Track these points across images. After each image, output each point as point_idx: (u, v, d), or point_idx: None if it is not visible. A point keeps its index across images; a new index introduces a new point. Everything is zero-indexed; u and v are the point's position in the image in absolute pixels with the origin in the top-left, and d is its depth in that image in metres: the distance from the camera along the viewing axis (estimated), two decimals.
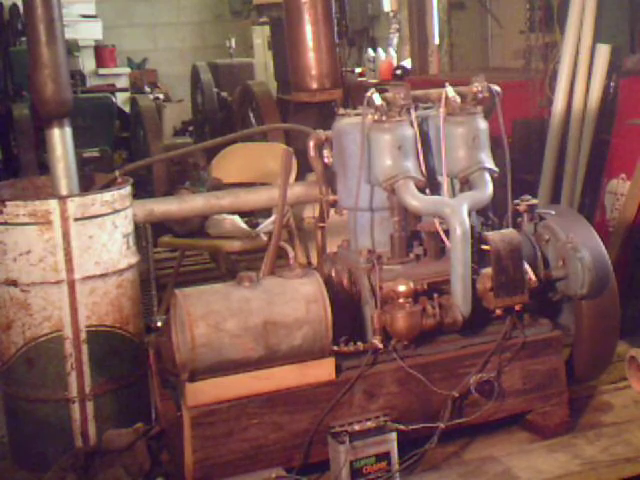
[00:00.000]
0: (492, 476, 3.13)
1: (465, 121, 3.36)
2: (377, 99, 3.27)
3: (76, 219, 3.32)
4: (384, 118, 3.28)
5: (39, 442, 3.42)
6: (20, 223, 3.30)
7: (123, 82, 11.85)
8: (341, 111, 3.51)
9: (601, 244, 3.47)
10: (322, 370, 3.11)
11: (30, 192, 3.73)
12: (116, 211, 3.43)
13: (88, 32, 11.79)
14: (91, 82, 10.99)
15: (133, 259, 3.53)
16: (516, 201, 3.51)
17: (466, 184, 3.38)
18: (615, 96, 5.19)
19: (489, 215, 3.50)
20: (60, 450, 3.32)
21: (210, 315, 2.96)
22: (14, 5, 9.69)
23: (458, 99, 3.36)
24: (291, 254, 3.24)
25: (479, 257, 3.26)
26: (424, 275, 3.26)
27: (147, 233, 4.77)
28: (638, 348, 3.71)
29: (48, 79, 3.43)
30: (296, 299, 3.06)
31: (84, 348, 3.38)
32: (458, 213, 3.17)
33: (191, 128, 9.89)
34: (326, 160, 3.48)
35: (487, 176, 3.35)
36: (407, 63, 9.13)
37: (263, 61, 10.80)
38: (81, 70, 9.99)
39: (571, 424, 3.43)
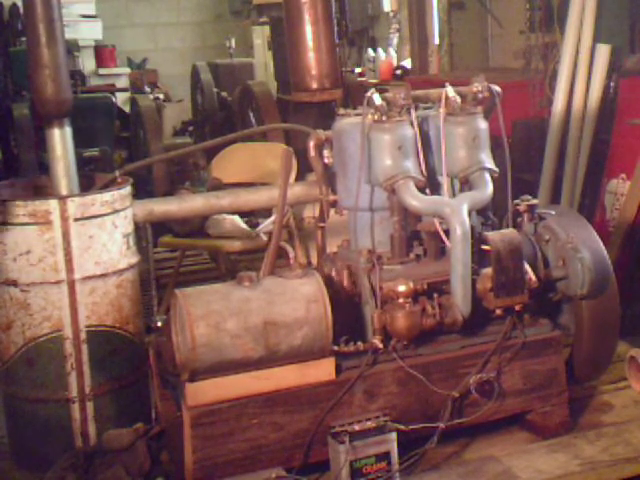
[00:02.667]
0: (492, 476, 3.13)
1: (465, 121, 3.36)
2: (377, 99, 3.27)
3: (76, 219, 3.32)
4: (384, 118, 3.28)
5: (39, 442, 3.42)
6: (20, 223, 3.30)
7: (123, 82, 11.85)
8: (341, 111, 3.51)
9: (601, 244, 3.47)
10: (322, 370, 3.11)
11: (30, 192, 3.74)
12: (116, 211, 3.43)
13: (88, 32, 11.79)
14: (91, 82, 10.99)
15: (133, 259, 3.53)
16: (516, 201, 3.51)
17: (466, 184, 3.38)
18: (615, 96, 5.19)
19: (489, 215, 3.50)
20: (60, 450, 3.32)
21: (210, 315, 2.96)
22: (14, 5, 9.69)
23: (458, 99, 3.35)
24: (291, 254, 3.24)
25: (479, 257, 3.26)
26: (424, 275, 3.26)
27: (147, 233, 4.77)
28: (638, 348, 3.71)
29: (48, 79, 3.42)
30: (296, 299, 3.06)
31: (84, 348, 3.39)
32: (458, 213, 3.17)
33: (191, 128, 9.89)
34: (326, 160, 3.48)
35: (487, 176, 3.35)
36: (407, 63, 9.13)
37: (263, 61, 10.80)
38: (81, 70, 9.99)
39: (571, 424, 3.43)
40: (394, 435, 3.04)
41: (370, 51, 9.90)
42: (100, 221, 3.38)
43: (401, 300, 3.13)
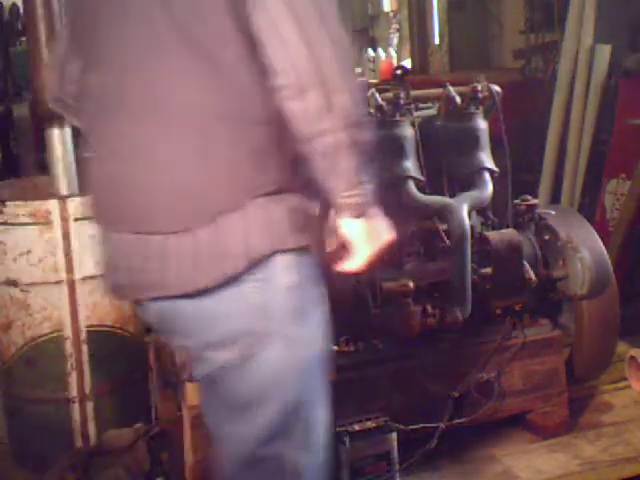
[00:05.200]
0: (492, 476, 3.13)
1: (465, 121, 3.36)
2: (377, 99, 3.27)
3: (76, 219, 3.32)
4: (384, 118, 3.28)
5: (39, 442, 3.42)
6: (20, 223, 3.30)
7: None
8: None
9: (601, 244, 3.47)
10: None
11: (30, 192, 3.73)
12: None
13: None
14: None
15: None
16: (516, 201, 3.51)
17: (466, 184, 3.38)
18: (615, 96, 5.19)
19: (489, 215, 3.49)
20: (60, 450, 3.32)
21: None
22: (14, 5, 9.68)
23: (458, 99, 3.35)
24: None
25: (479, 257, 3.26)
26: (424, 275, 3.25)
27: None
28: (638, 348, 3.71)
29: (48, 79, 3.42)
30: None
31: (84, 348, 3.38)
32: (458, 213, 3.17)
33: None
34: None
35: (487, 176, 3.35)
36: (407, 63, 9.13)
37: None
38: None
39: (571, 424, 3.43)
40: (394, 435, 3.04)
41: (370, 51, 9.90)
42: None
43: (401, 300, 3.12)
